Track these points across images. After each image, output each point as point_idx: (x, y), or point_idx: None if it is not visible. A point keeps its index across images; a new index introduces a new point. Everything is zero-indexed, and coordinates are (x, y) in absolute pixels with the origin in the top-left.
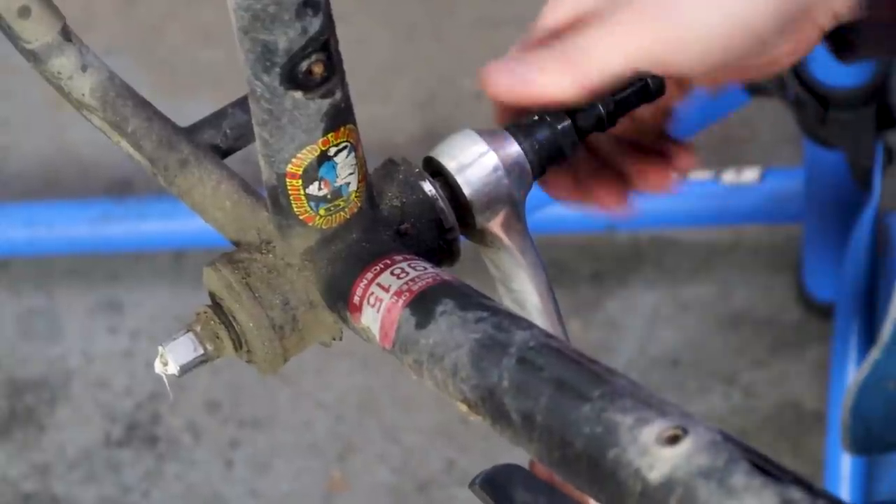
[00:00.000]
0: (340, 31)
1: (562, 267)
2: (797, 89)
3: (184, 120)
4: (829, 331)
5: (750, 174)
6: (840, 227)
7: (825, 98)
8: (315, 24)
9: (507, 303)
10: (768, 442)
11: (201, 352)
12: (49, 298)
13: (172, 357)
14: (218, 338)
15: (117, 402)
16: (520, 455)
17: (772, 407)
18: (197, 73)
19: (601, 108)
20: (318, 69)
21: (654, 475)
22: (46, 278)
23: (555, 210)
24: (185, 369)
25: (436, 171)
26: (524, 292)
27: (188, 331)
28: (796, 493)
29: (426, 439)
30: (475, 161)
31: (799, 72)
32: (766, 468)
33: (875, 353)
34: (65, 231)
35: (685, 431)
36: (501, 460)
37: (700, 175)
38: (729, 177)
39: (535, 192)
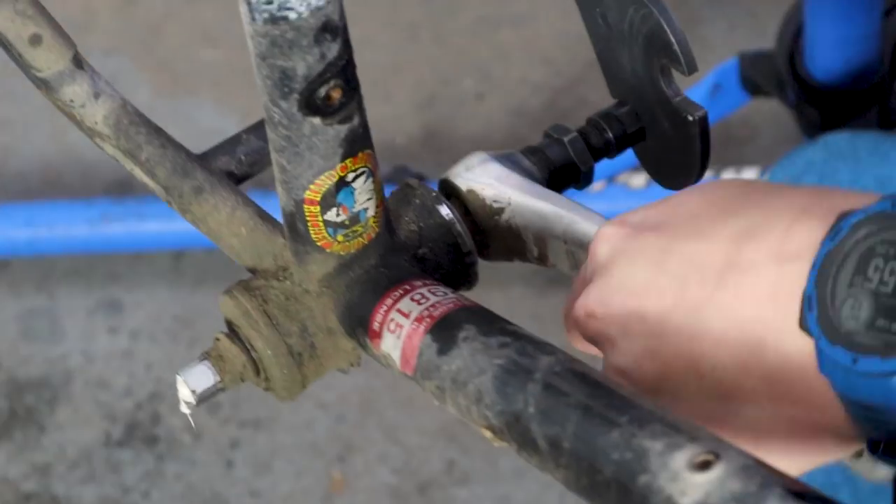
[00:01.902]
0: None
1: None
2: (796, 90)
3: (183, 120)
4: None
5: (750, 174)
6: None
7: (824, 99)
8: (334, 50)
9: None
10: None
11: (219, 379)
12: (49, 298)
13: (190, 386)
14: (235, 365)
15: (117, 402)
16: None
17: None
18: (197, 73)
19: (611, 134)
20: (336, 94)
21: (687, 501)
22: (47, 278)
23: None
24: (203, 397)
25: (451, 193)
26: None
27: (205, 358)
28: None
29: (427, 440)
30: (490, 184)
31: (798, 73)
32: (800, 493)
33: None
34: (65, 231)
35: (717, 456)
36: (502, 461)
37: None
38: (729, 177)
39: None
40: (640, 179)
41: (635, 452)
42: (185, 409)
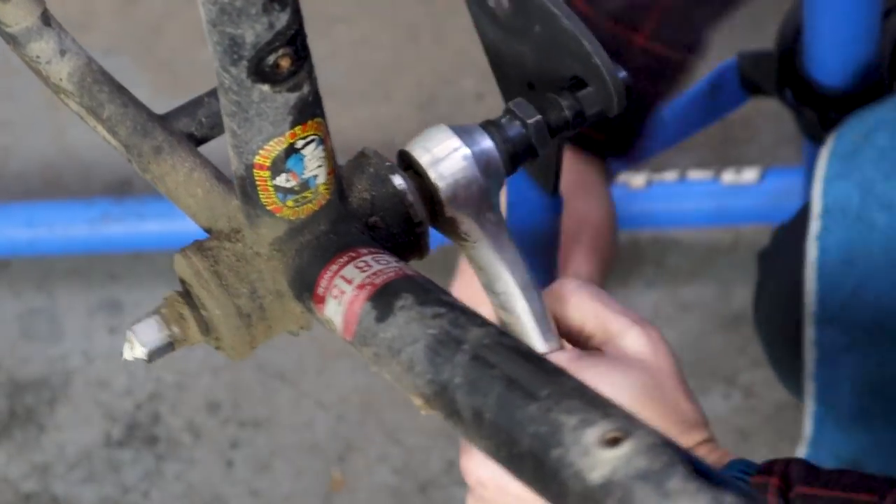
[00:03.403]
0: (341, 32)
1: None
2: (796, 91)
3: None
4: None
5: (750, 174)
6: None
7: (824, 100)
8: (282, 19)
9: (496, 309)
10: (768, 442)
11: (169, 336)
12: (49, 298)
13: (140, 340)
14: (186, 323)
15: (117, 402)
16: None
17: (772, 407)
18: (196, 73)
19: (568, 113)
20: (284, 63)
21: (594, 476)
22: (47, 278)
23: None
24: (154, 354)
25: (409, 165)
26: (508, 294)
27: (156, 315)
28: (730, 498)
29: (427, 440)
30: (448, 155)
31: (798, 73)
32: (704, 472)
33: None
34: (65, 231)
35: (626, 433)
36: None
37: (700, 175)
38: (729, 176)
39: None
40: (640, 180)
41: (551, 426)
42: (128, 357)
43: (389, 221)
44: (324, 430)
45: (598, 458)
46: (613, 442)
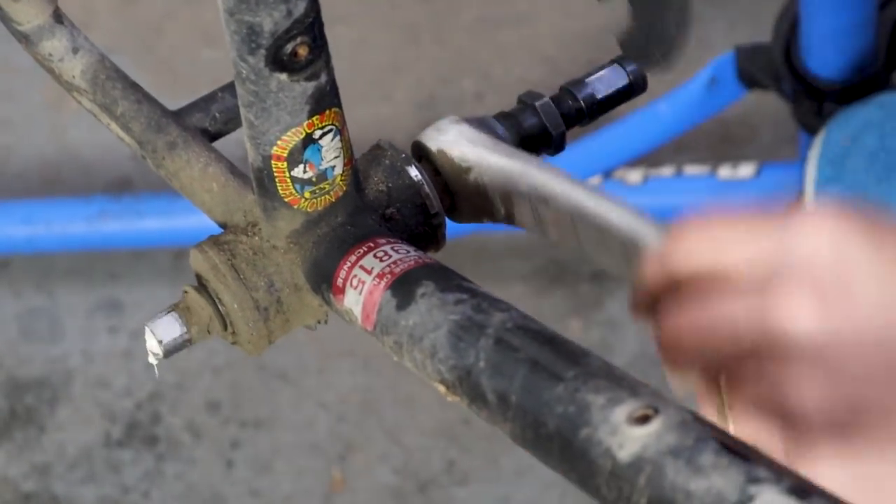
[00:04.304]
0: (341, 32)
1: (562, 267)
2: (793, 83)
3: None
4: None
5: (746, 169)
6: None
7: (821, 91)
8: (300, 6)
9: (580, 231)
10: None
11: (186, 331)
12: (49, 298)
13: (157, 337)
14: (203, 318)
15: (117, 402)
16: (521, 454)
17: None
18: (197, 73)
19: (583, 103)
20: (302, 51)
21: (624, 454)
22: (46, 278)
23: None
24: (170, 349)
25: (423, 156)
26: (566, 200)
27: (173, 310)
28: (762, 472)
29: (427, 439)
30: (459, 144)
31: (795, 65)
32: (735, 448)
33: None
34: (63, 229)
35: (656, 411)
36: (503, 460)
37: (696, 170)
38: (725, 171)
39: None
40: (636, 175)
41: (578, 406)
42: (152, 361)
43: (406, 213)
44: (324, 429)
45: (627, 436)
46: (643, 419)
